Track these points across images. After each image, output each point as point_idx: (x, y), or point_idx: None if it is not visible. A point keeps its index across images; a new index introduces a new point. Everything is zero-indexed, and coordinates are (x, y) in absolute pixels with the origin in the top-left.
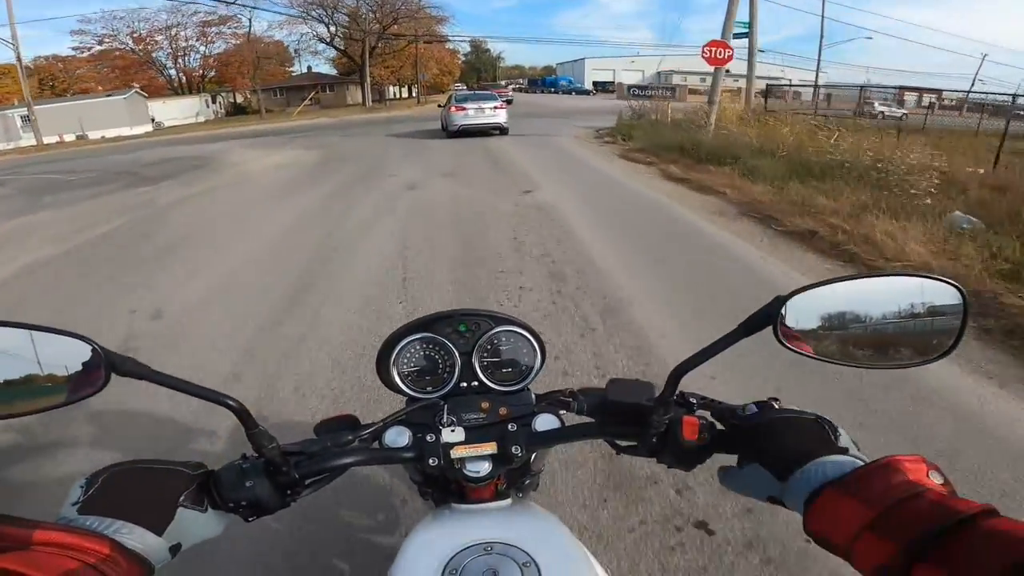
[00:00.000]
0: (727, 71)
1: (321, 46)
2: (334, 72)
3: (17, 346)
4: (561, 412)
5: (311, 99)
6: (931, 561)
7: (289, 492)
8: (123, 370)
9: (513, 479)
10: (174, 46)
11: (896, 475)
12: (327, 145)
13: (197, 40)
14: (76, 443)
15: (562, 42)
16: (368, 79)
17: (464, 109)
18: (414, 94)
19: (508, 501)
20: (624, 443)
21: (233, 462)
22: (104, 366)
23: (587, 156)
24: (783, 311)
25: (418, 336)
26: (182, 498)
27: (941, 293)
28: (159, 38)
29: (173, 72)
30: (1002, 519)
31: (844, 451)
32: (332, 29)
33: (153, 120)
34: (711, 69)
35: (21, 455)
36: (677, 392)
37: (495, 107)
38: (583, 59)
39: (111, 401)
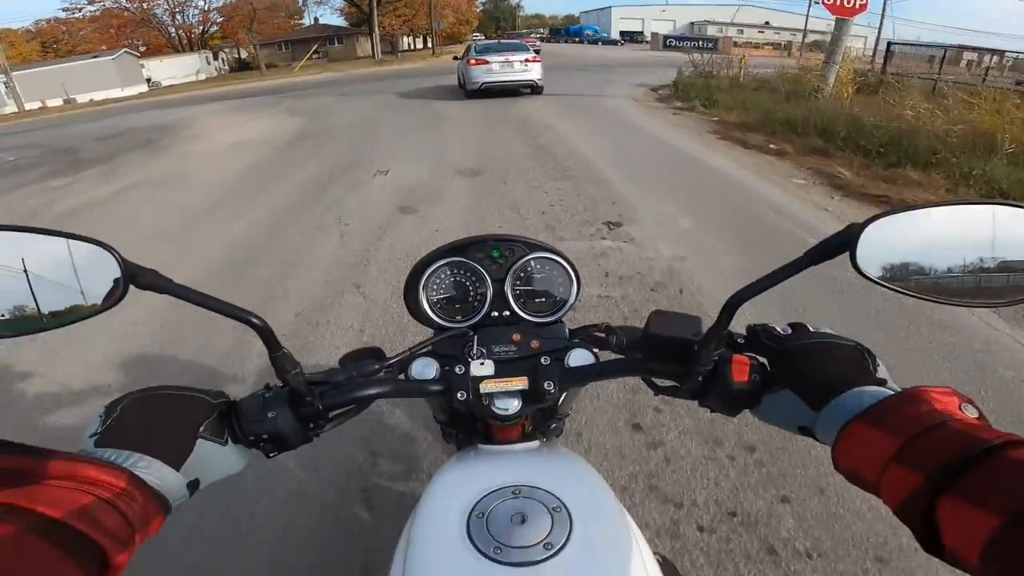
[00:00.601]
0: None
1: None
2: (343, 23)
3: (23, 252)
4: (596, 350)
5: (316, 52)
6: (956, 490)
7: (312, 426)
8: (143, 282)
9: (539, 422)
10: (171, 2)
11: (923, 405)
12: (316, 110)
13: None
14: None
15: None
16: (376, 29)
17: (486, 62)
18: (429, 45)
19: (536, 443)
20: (664, 383)
21: (256, 392)
22: (123, 277)
23: (669, 134)
24: (860, 238)
25: (449, 260)
26: (202, 428)
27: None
28: None
29: (173, 30)
30: None
31: (883, 383)
32: None
33: (149, 80)
34: (750, 20)
35: None
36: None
37: (526, 60)
38: (609, 7)
39: None
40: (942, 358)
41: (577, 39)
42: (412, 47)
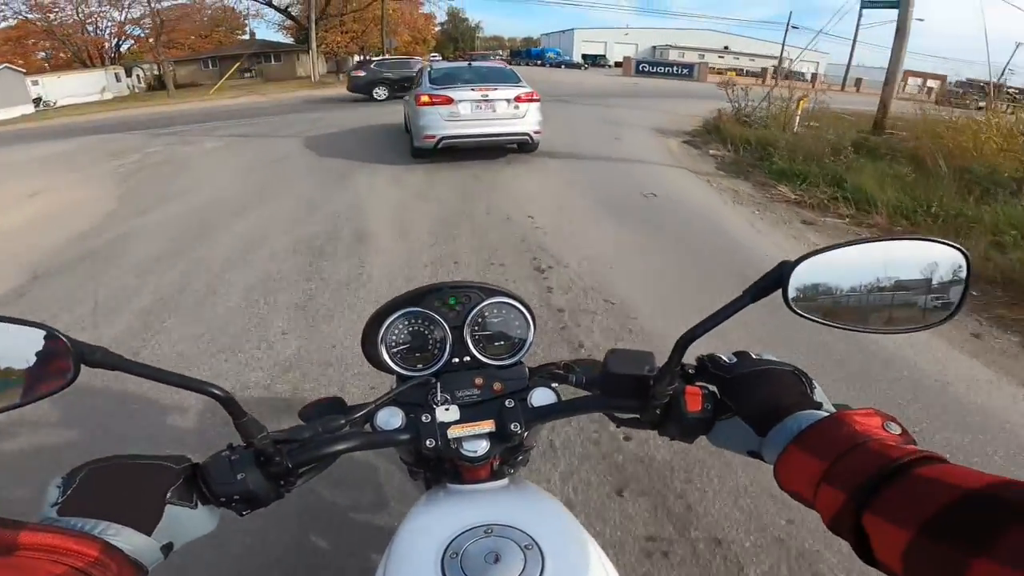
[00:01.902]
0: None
1: (266, 9)
2: (289, 39)
3: None
4: (557, 385)
5: (248, 71)
6: (875, 507)
7: (283, 483)
8: (93, 360)
9: (507, 457)
10: (81, 13)
11: (845, 427)
12: (169, 169)
13: (108, 5)
14: None
15: (548, 3)
16: (315, 47)
17: (448, 100)
18: None
19: (505, 481)
20: (624, 416)
21: (220, 453)
22: (72, 357)
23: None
24: (791, 276)
25: (406, 311)
26: (169, 494)
27: (945, 257)
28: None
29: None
30: (935, 465)
31: (818, 406)
32: None
33: (40, 100)
34: (711, 44)
35: None
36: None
37: (517, 99)
38: (572, 30)
39: None
40: None
41: (539, 62)
42: None
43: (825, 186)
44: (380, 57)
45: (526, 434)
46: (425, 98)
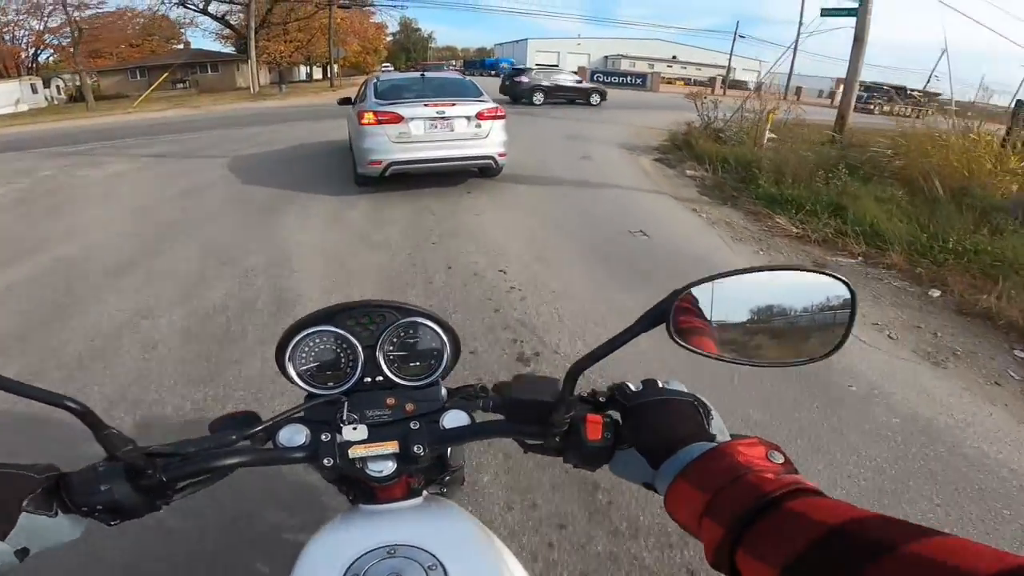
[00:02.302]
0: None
1: (203, 17)
2: (229, 48)
3: None
4: (473, 408)
5: (182, 81)
6: (746, 543)
7: (158, 496)
8: None
9: (431, 476)
10: None
11: (727, 460)
12: (31, 215)
13: (27, 14)
14: None
15: (501, 13)
16: (254, 56)
17: (398, 118)
18: (329, 76)
19: (419, 500)
20: (531, 441)
21: (92, 464)
22: None
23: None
24: (674, 308)
25: (316, 329)
26: (25, 503)
27: (833, 288)
28: None
29: None
30: (805, 499)
31: (712, 438)
32: None
33: None
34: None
35: None
36: (589, 391)
37: (479, 115)
38: (525, 40)
39: None
40: None
41: (493, 72)
42: (309, 77)
43: (825, 215)
44: (538, 65)
45: (449, 453)
46: (369, 116)
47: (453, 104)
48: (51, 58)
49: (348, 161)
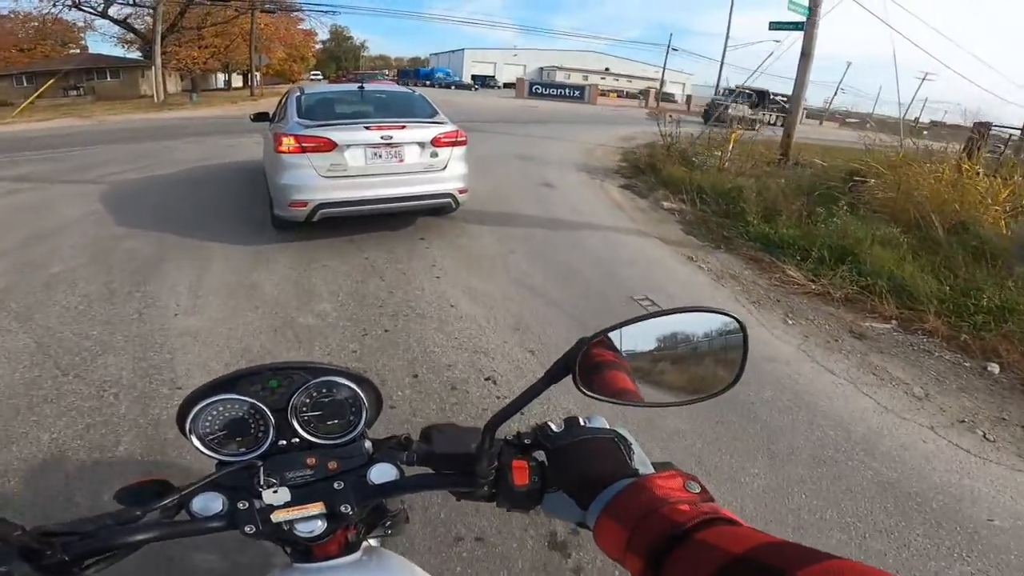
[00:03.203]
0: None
1: (102, 20)
2: (134, 53)
3: None
4: (402, 458)
5: (66, 88)
6: (663, 574)
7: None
8: None
9: (372, 522)
10: None
11: (644, 494)
12: None
13: None
14: None
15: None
16: (159, 63)
17: (331, 145)
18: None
19: (357, 555)
20: (463, 489)
21: None
22: None
23: None
24: (578, 358)
25: (219, 398)
26: None
27: (726, 325)
28: None
29: None
30: (716, 527)
31: (635, 472)
32: None
33: None
34: (593, 66)
35: None
36: (515, 434)
37: (434, 142)
38: (462, 50)
39: None
40: None
41: (428, 82)
42: (228, 85)
43: (833, 262)
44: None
45: (384, 503)
46: (290, 141)
47: (403, 127)
48: None
49: (263, 192)
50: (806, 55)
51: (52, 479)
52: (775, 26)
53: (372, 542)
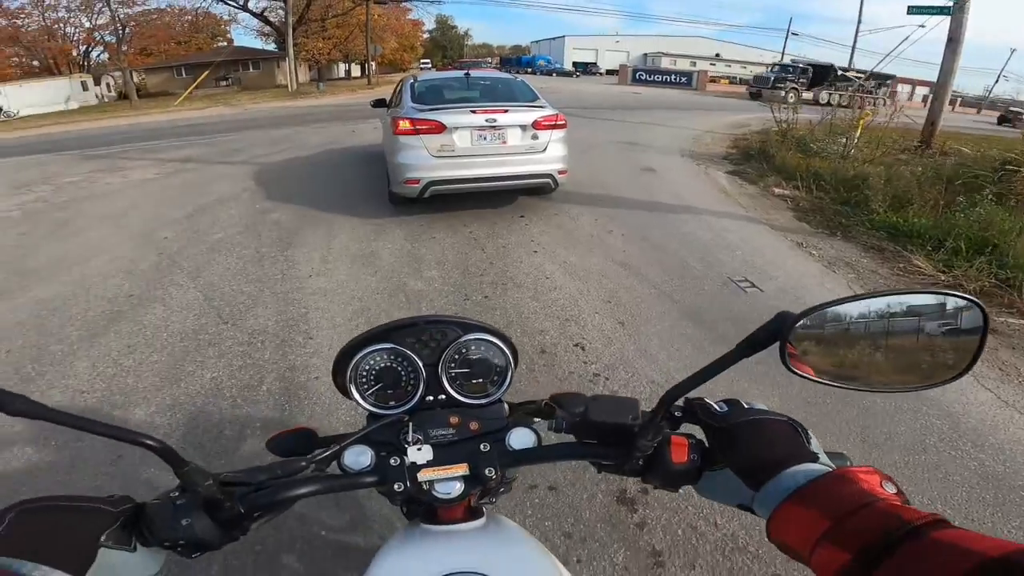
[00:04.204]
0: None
1: (243, 13)
2: (270, 45)
3: None
4: (537, 425)
5: (218, 78)
6: (883, 570)
7: (235, 527)
8: (13, 409)
9: (486, 490)
10: (47, 19)
11: (850, 485)
12: (33, 234)
13: (77, 11)
14: None
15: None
16: (292, 54)
17: (440, 127)
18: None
19: (481, 521)
20: (607, 463)
21: (167, 493)
22: None
23: None
24: (791, 331)
25: (377, 347)
26: (104, 537)
27: (960, 310)
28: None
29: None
30: (949, 529)
31: (815, 458)
32: None
33: (1, 109)
34: (702, 52)
35: None
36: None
37: (536, 124)
38: (563, 37)
39: None
40: None
41: (529, 70)
42: (348, 75)
43: (971, 254)
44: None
45: (516, 470)
46: (405, 124)
47: (506, 111)
48: (101, 55)
49: (381, 173)
50: (953, 41)
51: (209, 416)
52: (915, 10)
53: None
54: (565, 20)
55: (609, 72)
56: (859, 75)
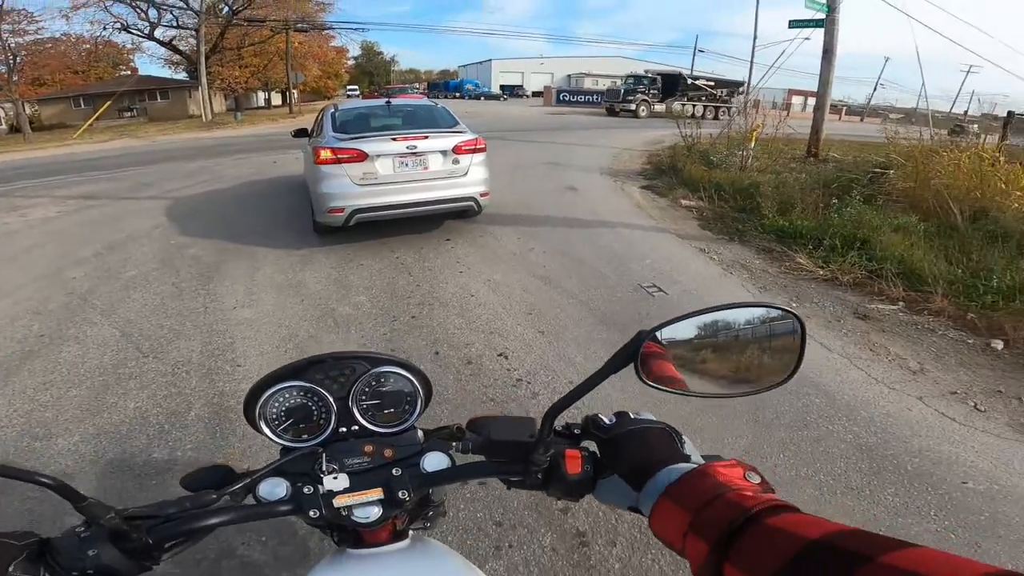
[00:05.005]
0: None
1: (148, 42)
2: (180, 74)
3: None
4: (452, 447)
5: (121, 109)
6: (732, 558)
7: (146, 558)
8: None
9: (415, 514)
10: None
11: (708, 479)
12: None
13: None
14: None
15: (462, 33)
16: (205, 83)
17: (361, 156)
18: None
19: (406, 542)
20: (514, 479)
21: (73, 528)
22: None
23: None
24: (642, 349)
25: (286, 385)
26: (11, 568)
27: (782, 319)
28: None
29: None
30: (785, 514)
31: (687, 458)
32: (151, 13)
33: None
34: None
35: None
36: (562, 425)
37: (455, 149)
38: (489, 60)
39: None
40: None
41: (457, 94)
42: (268, 103)
43: (846, 251)
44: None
45: (431, 491)
46: (327, 153)
47: (426, 137)
48: None
49: (305, 203)
50: (828, 52)
51: (136, 441)
52: (795, 24)
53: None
54: (492, 44)
55: (535, 94)
56: (709, 83)
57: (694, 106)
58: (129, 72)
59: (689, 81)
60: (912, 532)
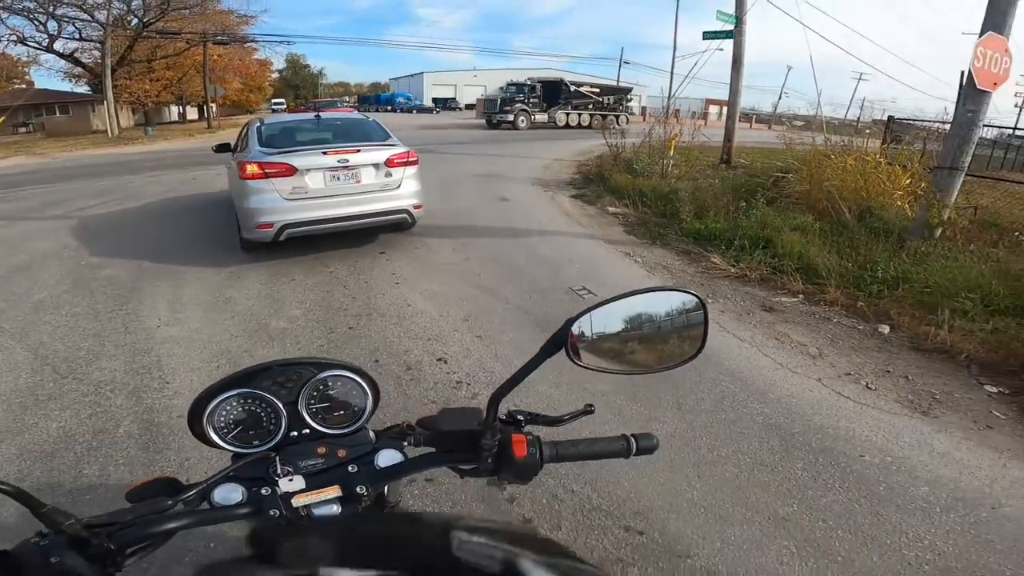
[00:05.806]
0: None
1: (47, 54)
2: (83, 87)
3: None
4: (404, 444)
5: (14, 124)
6: None
7: (109, 563)
8: None
9: None
10: None
11: None
12: None
13: None
14: None
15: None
16: (111, 97)
17: (291, 170)
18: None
19: None
20: (466, 467)
21: (29, 539)
22: None
23: None
24: (571, 332)
25: (233, 393)
26: None
27: (688, 303)
28: None
29: None
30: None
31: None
32: (50, 25)
33: None
34: None
35: None
36: (505, 413)
37: (388, 163)
38: (421, 73)
39: None
40: None
41: (389, 107)
42: (183, 118)
43: (754, 250)
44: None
45: (387, 490)
46: (253, 168)
47: (358, 150)
48: None
49: (229, 220)
50: (737, 62)
51: (63, 458)
52: (709, 35)
53: None
54: (424, 56)
55: (468, 107)
56: (593, 90)
57: (579, 115)
58: (24, 86)
59: (572, 89)
60: (823, 503)
